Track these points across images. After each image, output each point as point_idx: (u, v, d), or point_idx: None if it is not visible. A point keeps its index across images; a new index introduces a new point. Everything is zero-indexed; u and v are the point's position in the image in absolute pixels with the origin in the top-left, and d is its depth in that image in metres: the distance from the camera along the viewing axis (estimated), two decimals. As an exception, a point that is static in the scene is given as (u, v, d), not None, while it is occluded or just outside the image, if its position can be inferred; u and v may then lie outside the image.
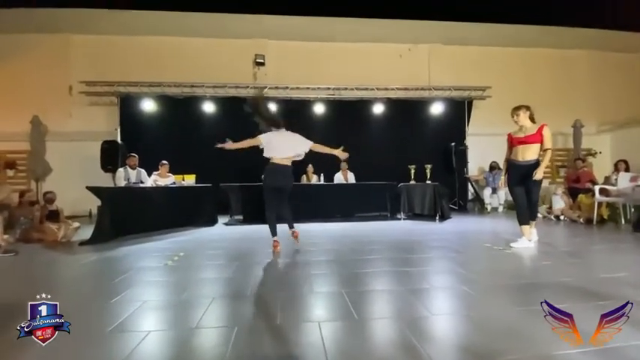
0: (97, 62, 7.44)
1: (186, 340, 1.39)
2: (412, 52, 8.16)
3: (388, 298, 1.92)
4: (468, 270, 2.47)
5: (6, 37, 7.30)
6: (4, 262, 2.96)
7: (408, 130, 7.53)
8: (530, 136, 3.22)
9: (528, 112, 3.34)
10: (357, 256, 2.95)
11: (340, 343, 1.35)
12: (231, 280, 2.28)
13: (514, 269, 2.56)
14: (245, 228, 5.01)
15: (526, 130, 3.28)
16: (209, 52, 7.63)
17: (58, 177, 7.01)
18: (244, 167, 6.62)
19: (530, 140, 3.22)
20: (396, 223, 5.26)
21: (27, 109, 7.03)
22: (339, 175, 6.40)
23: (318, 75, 7.56)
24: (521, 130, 3.32)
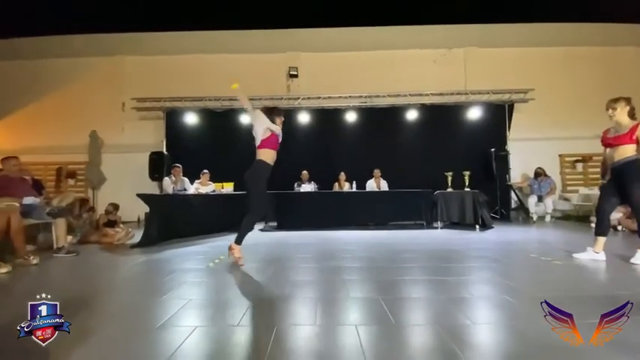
0: (146, 80, 8.11)
1: (230, 337, 1.47)
2: (446, 56, 7.99)
3: (426, 306, 1.87)
4: (511, 280, 2.34)
5: (69, 61, 8.24)
6: (68, 261, 3.29)
7: (444, 136, 7.32)
8: (621, 137, 2.71)
9: (628, 107, 2.75)
10: (391, 264, 2.90)
11: (378, 346, 1.34)
12: (270, 282, 2.36)
13: (564, 281, 2.38)
14: (279, 234, 5.12)
15: (619, 128, 2.77)
16: (246, 67, 8.02)
17: (111, 186, 7.67)
18: (278, 176, 6.81)
19: (619, 141, 2.72)
20: (433, 232, 5.10)
21: (86, 124, 7.82)
22: (372, 182, 6.36)
23: (350, 84, 7.65)
24: (615, 128, 2.81)
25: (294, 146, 7.41)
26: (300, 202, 5.79)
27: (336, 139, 7.49)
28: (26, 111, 8.31)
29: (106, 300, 2.08)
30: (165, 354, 1.29)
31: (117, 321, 1.69)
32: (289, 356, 1.27)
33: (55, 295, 2.18)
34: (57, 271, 2.93)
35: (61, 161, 7.87)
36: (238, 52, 8.06)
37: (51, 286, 2.51)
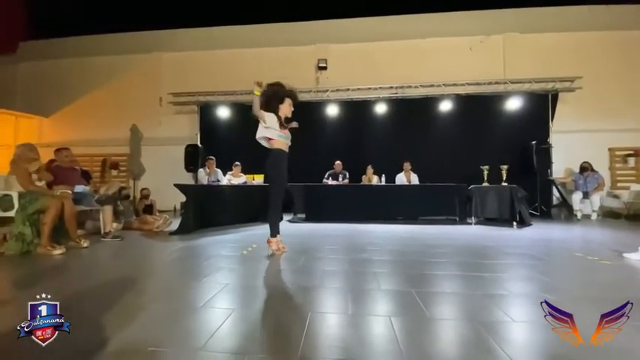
0: (181, 76, 8.45)
1: (266, 321, 1.52)
2: (484, 43, 7.59)
3: (461, 301, 1.82)
4: (553, 278, 2.22)
5: (111, 59, 8.76)
6: (114, 245, 3.54)
7: (480, 127, 6.98)
8: None
9: None
10: (423, 258, 2.85)
11: (413, 337, 1.33)
12: (301, 271, 2.40)
13: (613, 282, 2.21)
14: (308, 225, 5.18)
15: None
16: (275, 60, 8.10)
17: (150, 176, 8.12)
18: (307, 168, 6.88)
19: None
20: (466, 228, 4.92)
21: (127, 118, 8.30)
22: (402, 175, 6.23)
23: (380, 75, 7.50)
24: None
25: (324, 139, 7.43)
26: (328, 195, 5.80)
27: (365, 131, 7.40)
28: (73, 107, 8.97)
29: (151, 281, 2.22)
30: (208, 332, 1.36)
31: (162, 300, 1.80)
32: (325, 342, 1.30)
33: (106, 276, 2.38)
34: (105, 253, 3.17)
35: (105, 153, 8.44)
36: (268, 46, 8.15)
37: (101, 267, 2.72)
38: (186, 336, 1.35)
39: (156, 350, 1.21)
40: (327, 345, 1.28)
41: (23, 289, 2.09)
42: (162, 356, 1.17)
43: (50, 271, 2.53)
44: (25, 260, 2.83)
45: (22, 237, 3.05)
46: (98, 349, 1.21)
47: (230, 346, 1.26)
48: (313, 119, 7.56)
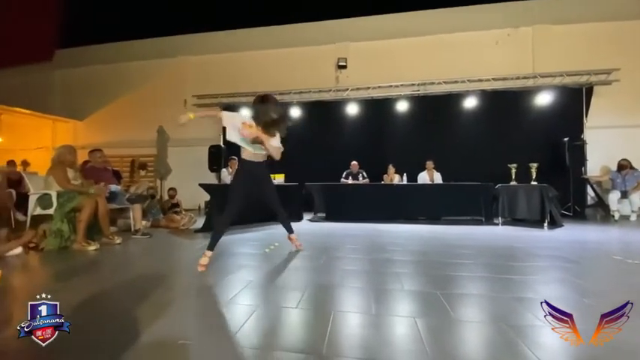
0: (204, 78, 8.68)
1: (290, 318, 1.53)
2: (511, 37, 7.29)
3: (489, 303, 1.76)
4: (588, 282, 2.11)
5: (138, 64, 9.15)
6: (143, 242, 3.70)
7: (508, 124, 6.70)
8: None
9: None
10: (447, 259, 2.78)
11: (439, 339, 1.30)
12: (322, 270, 2.41)
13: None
14: (328, 225, 5.18)
15: None
16: (295, 60, 8.16)
17: (175, 176, 8.40)
18: (326, 168, 6.89)
19: None
20: (493, 229, 4.75)
21: (154, 120, 8.63)
22: (424, 174, 6.10)
23: (401, 72, 7.38)
24: None
25: (343, 138, 7.41)
26: (348, 194, 5.77)
27: (386, 130, 7.30)
28: (105, 111, 9.45)
29: (179, 277, 2.30)
30: (234, 327, 1.39)
31: (190, 295, 1.87)
32: (349, 341, 1.29)
33: (137, 271, 2.49)
34: (136, 250, 3.31)
35: (134, 154, 8.79)
36: (288, 46, 8.22)
37: (133, 263, 2.85)
38: (213, 330, 1.39)
39: (185, 343, 1.25)
40: (351, 344, 1.27)
41: (64, 282, 2.22)
42: (192, 349, 1.21)
43: (86, 265, 2.68)
44: (62, 255, 3.01)
45: (60, 233, 3.24)
46: (133, 340, 1.27)
47: (256, 341, 1.28)
48: (333, 118, 7.55)
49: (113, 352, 1.20)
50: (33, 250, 3.10)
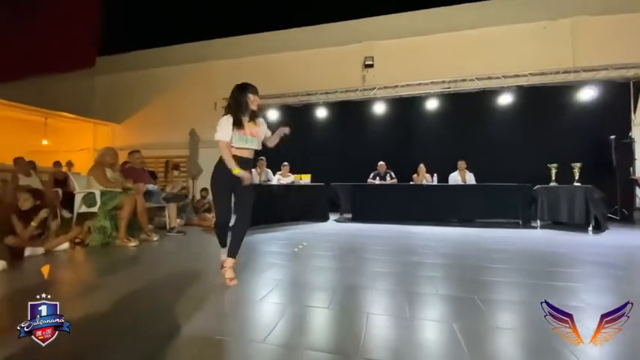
0: (233, 81, 8.73)
1: (323, 318, 1.53)
2: (548, 29, 6.88)
3: (530, 310, 1.66)
4: (637, 289, 1.94)
5: (170, 69, 9.56)
6: (178, 239, 3.85)
7: (547, 122, 6.31)
8: None
9: None
10: (482, 263, 2.66)
11: (480, 345, 1.25)
12: (352, 271, 2.39)
13: None
14: (355, 225, 5.13)
15: None
16: (321, 61, 8.17)
17: (207, 176, 8.66)
18: (353, 168, 6.84)
19: None
20: (531, 232, 4.50)
21: (186, 123, 8.97)
22: (456, 175, 5.89)
23: (430, 69, 7.18)
24: None
25: (370, 138, 7.32)
26: (376, 195, 5.69)
27: (415, 129, 7.13)
28: (141, 114, 9.96)
29: (212, 274, 2.36)
30: (267, 326, 1.41)
31: (225, 292, 1.91)
32: (385, 345, 1.27)
33: (174, 267, 2.59)
34: (171, 247, 3.46)
35: (167, 155, 9.19)
36: (314, 47, 8.25)
37: (169, 259, 2.97)
38: (247, 327, 1.42)
39: (223, 339, 1.28)
40: (387, 347, 1.25)
41: (108, 275, 2.36)
42: (229, 345, 1.24)
43: (127, 260, 2.83)
44: (105, 250, 3.20)
45: (103, 230, 3.45)
46: (174, 334, 1.32)
47: (290, 340, 1.29)
48: (359, 118, 7.49)
49: (157, 342, 1.25)
50: (78, 245, 3.31)
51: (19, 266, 2.55)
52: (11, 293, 1.97)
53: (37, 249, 2.91)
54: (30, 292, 2.02)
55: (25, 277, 2.34)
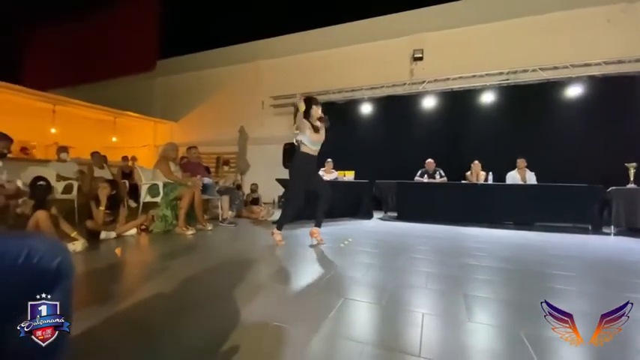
0: (279, 80, 9.15)
1: (377, 314, 1.51)
2: (627, 12, 6.06)
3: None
4: None
5: (220, 70, 10.09)
6: (230, 230, 4.06)
7: (623, 115, 5.60)
8: None
9: None
10: (546, 269, 2.43)
11: (551, 353, 1.14)
12: (403, 269, 2.32)
13: None
14: (401, 224, 4.99)
15: None
16: (369, 55, 8.05)
17: (254, 172, 9.05)
18: (400, 166, 6.64)
19: None
20: (603, 239, 4.03)
21: (235, 121, 9.42)
22: (514, 174, 5.43)
23: (486, 60, 6.72)
24: None
25: (418, 134, 7.06)
26: (424, 193, 5.48)
27: (468, 124, 6.72)
28: (195, 113, 10.64)
29: (265, 263, 2.45)
30: (322, 316, 1.43)
31: (278, 281, 1.98)
32: (446, 346, 1.22)
33: (228, 255, 2.73)
34: (225, 236, 3.65)
35: (218, 152, 9.75)
36: (361, 42, 8.15)
37: (223, 248, 3.14)
38: (302, 317, 1.44)
39: (281, 326, 1.32)
40: (447, 349, 1.20)
41: (171, 259, 2.56)
42: (286, 332, 1.28)
43: (186, 247, 3.05)
44: (167, 237, 3.47)
45: (165, 218, 3.75)
46: (232, 320, 1.39)
47: (344, 333, 1.29)
48: (407, 114, 7.26)
49: (216, 321, 1.33)
50: (144, 231, 3.64)
51: (97, 246, 2.86)
52: (93, 270, 2.22)
53: (110, 233, 3.25)
54: (108, 270, 2.27)
55: (101, 256, 2.63)
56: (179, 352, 1.14)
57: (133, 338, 1.24)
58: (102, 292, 1.78)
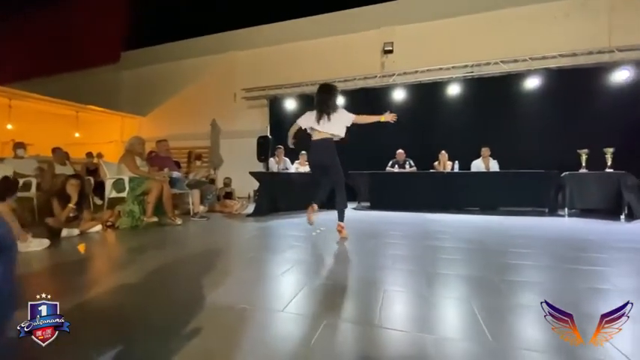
0: (252, 72, 8.99)
1: (341, 292, 1.57)
2: (584, 7, 6.45)
3: (556, 291, 1.63)
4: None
5: (192, 61, 9.77)
6: (202, 224, 4.00)
7: (578, 106, 5.98)
8: None
9: None
10: (506, 248, 2.60)
11: (498, 320, 1.24)
12: (372, 253, 2.41)
13: None
14: (373, 213, 5.12)
15: None
16: (340, 48, 8.08)
17: (227, 166, 8.89)
18: (372, 156, 6.76)
19: None
20: (558, 220, 4.34)
21: (207, 114, 9.18)
22: (479, 162, 5.72)
23: (453, 53, 6.94)
24: None
25: (389, 125, 7.18)
26: (395, 183, 5.64)
27: (436, 115, 6.93)
28: (165, 106, 10.27)
29: (236, 253, 2.46)
30: (288, 297, 1.46)
31: (247, 268, 1.99)
32: (402, 316, 1.29)
33: (198, 247, 2.70)
34: (196, 230, 3.60)
35: (190, 146, 9.45)
36: (334, 35, 8.16)
37: (194, 241, 3.10)
38: (269, 298, 1.47)
39: (246, 307, 1.34)
40: (403, 317, 1.27)
41: (138, 253, 2.49)
42: (251, 313, 1.30)
43: (154, 242, 2.98)
44: (134, 233, 3.37)
45: (132, 214, 3.64)
46: (199, 303, 1.40)
47: (308, 310, 1.34)
48: (378, 105, 7.36)
49: (183, 311, 1.33)
50: (110, 228, 3.51)
51: (58, 245, 2.74)
52: (54, 265, 2.13)
53: (72, 230, 3.11)
54: (70, 266, 2.18)
55: (63, 253, 2.52)
56: (143, 335, 1.14)
57: (98, 326, 1.22)
58: (65, 284, 1.73)
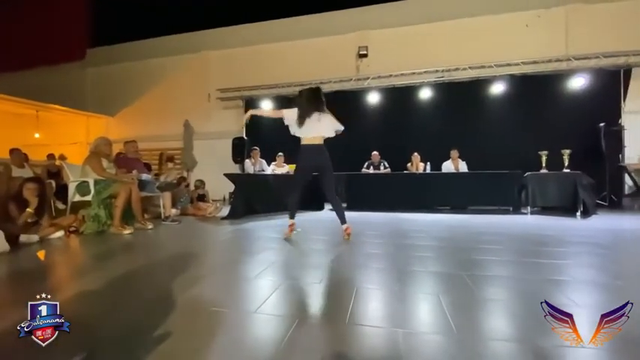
0: (227, 72, 8.84)
1: (314, 292, 1.58)
2: (543, 18, 6.90)
3: (517, 284, 1.73)
4: (621, 266, 2.03)
5: (164, 60, 9.45)
6: (173, 227, 3.88)
7: (538, 110, 6.39)
8: None
9: None
10: (473, 245, 2.73)
11: (463, 313, 1.31)
12: (346, 252, 2.44)
13: None
14: (349, 214, 5.07)
15: None
16: (315, 51, 8.12)
17: (201, 168, 8.67)
18: (347, 158, 6.84)
19: None
20: (521, 218, 4.59)
21: (180, 115, 8.92)
22: (448, 164, 5.95)
23: (424, 59, 7.18)
24: None
25: (364, 128, 7.33)
26: (370, 184, 5.75)
27: (409, 118, 7.16)
28: (134, 106, 9.85)
29: (208, 257, 2.41)
30: (261, 298, 1.46)
31: (220, 271, 1.96)
32: (373, 313, 1.32)
33: (169, 252, 2.62)
34: (167, 234, 3.48)
35: (161, 147, 9.14)
36: (308, 37, 8.19)
37: (165, 246, 3.00)
38: (242, 300, 1.46)
39: (218, 310, 1.33)
40: (374, 315, 1.30)
41: (104, 260, 2.38)
42: (223, 315, 1.29)
43: (122, 247, 2.85)
44: (100, 238, 3.21)
45: (98, 218, 3.46)
46: (169, 306, 1.36)
47: (281, 310, 1.34)
48: (353, 108, 7.49)
49: (154, 314, 1.29)
50: (73, 233, 3.32)
51: (15, 251, 2.56)
52: (12, 272, 1.99)
53: (31, 236, 2.91)
54: (28, 274, 2.05)
55: (21, 259, 2.36)
56: (107, 345, 1.09)
57: (57, 338, 1.16)
58: (24, 292, 1.62)
